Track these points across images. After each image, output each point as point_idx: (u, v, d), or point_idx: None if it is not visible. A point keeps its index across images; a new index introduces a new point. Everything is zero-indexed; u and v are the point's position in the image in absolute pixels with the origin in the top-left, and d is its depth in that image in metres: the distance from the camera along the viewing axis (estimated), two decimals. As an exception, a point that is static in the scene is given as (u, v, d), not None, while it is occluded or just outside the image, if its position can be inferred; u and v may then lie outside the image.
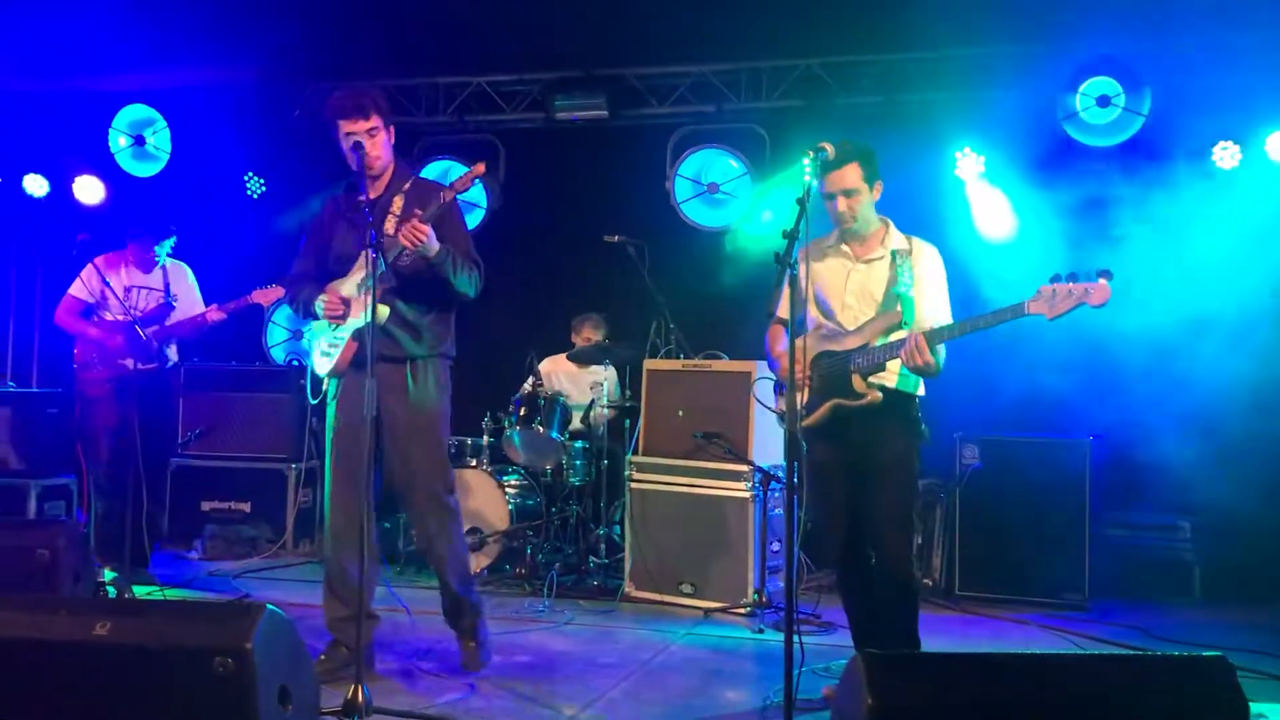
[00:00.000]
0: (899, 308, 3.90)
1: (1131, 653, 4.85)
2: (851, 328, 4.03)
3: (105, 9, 6.78)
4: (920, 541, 6.37)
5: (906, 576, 4.00)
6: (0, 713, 3.17)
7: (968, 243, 6.61)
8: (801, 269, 3.88)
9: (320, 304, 4.30)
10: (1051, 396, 6.13)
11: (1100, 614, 5.78)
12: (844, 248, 4.13)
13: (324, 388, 4.46)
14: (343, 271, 4.36)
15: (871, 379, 3.92)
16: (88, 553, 5.18)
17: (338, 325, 4.30)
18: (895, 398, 3.96)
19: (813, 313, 4.13)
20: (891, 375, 3.94)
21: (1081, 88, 6.49)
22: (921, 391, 4.06)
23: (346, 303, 4.28)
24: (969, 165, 6.77)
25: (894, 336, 3.88)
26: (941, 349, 3.83)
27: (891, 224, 4.14)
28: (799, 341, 3.85)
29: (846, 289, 4.09)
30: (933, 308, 3.98)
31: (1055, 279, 3.56)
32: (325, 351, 4.36)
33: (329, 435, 4.41)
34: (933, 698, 2.97)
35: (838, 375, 3.98)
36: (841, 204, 4.01)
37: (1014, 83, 6.67)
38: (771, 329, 4.31)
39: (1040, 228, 6.60)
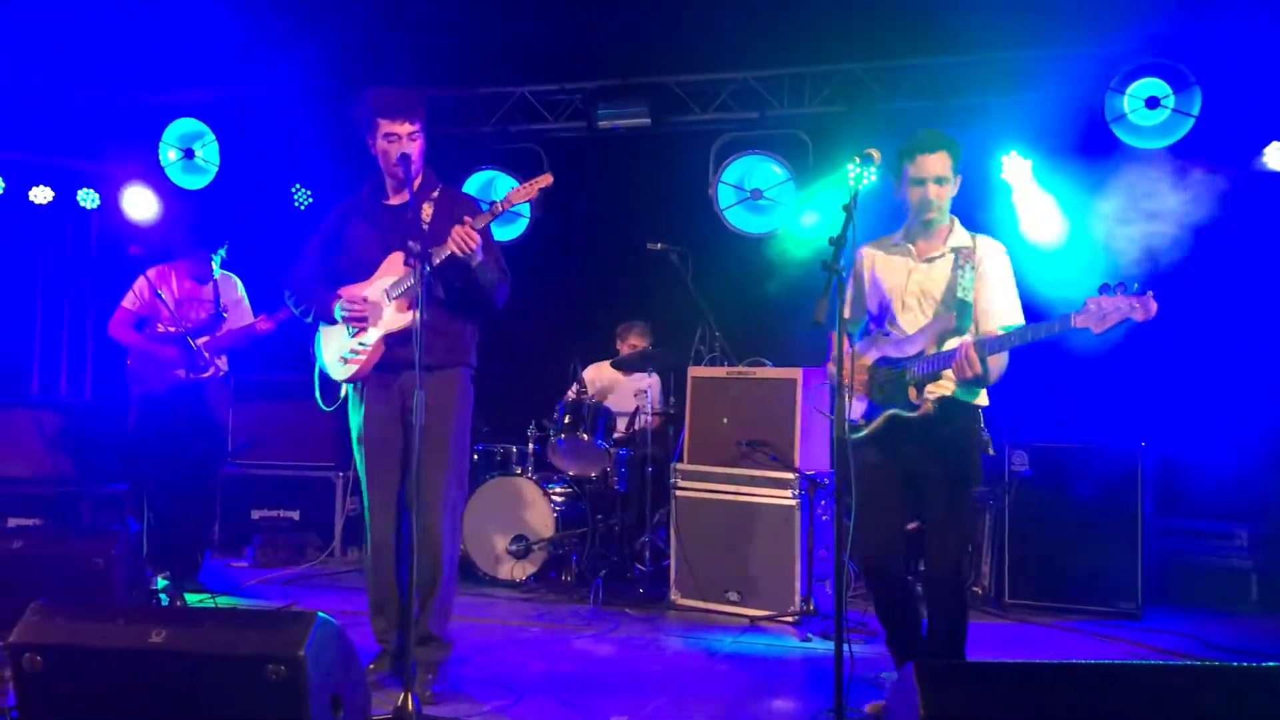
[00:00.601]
0: (956, 314, 3.84)
1: (1188, 663, 4.77)
2: (910, 331, 3.97)
3: (155, 24, 6.90)
4: (970, 549, 6.31)
5: (960, 580, 3.97)
6: (59, 717, 3.22)
7: (1015, 247, 6.49)
8: (865, 270, 4.02)
9: (340, 310, 4.24)
10: (1102, 402, 6.06)
11: (1155, 622, 5.69)
12: (908, 245, 4.06)
13: (341, 393, 4.41)
14: (358, 275, 4.30)
15: (929, 389, 3.86)
16: (141, 561, 5.24)
17: (359, 330, 4.22)
18: (954, 407, 3.89)
19: (872, 313, 4.11)
20: (949, 384, 3.87)
21: (1130, 89, 6.41)
22: (984, 401, 3.99)
23: (368, 306, 4.23)
24: (1016, 169, 6.70)
25: (950, 343, 3.83)
26: (1002, 357, 3.76)
27: (957, 221, 4.06)
28: (852, 347, 3.93)
29: (906, 289, 4.01)
30: (1001, 308, 3.91)
31: (1104, 290, 3.47)
32: (346, 357, 4.28)
33: (359, 445, 4.34)
34: (987, 708, 2.93)
35: (895, 384, 3.93)
36: (932, 190, 3.92)
37: (1061, 85, 6.61)
38: (833, 334, 4.15)
39: (1088, 232, 6.52)
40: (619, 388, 7.17)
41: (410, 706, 3.54)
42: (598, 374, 7.25)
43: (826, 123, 7.29)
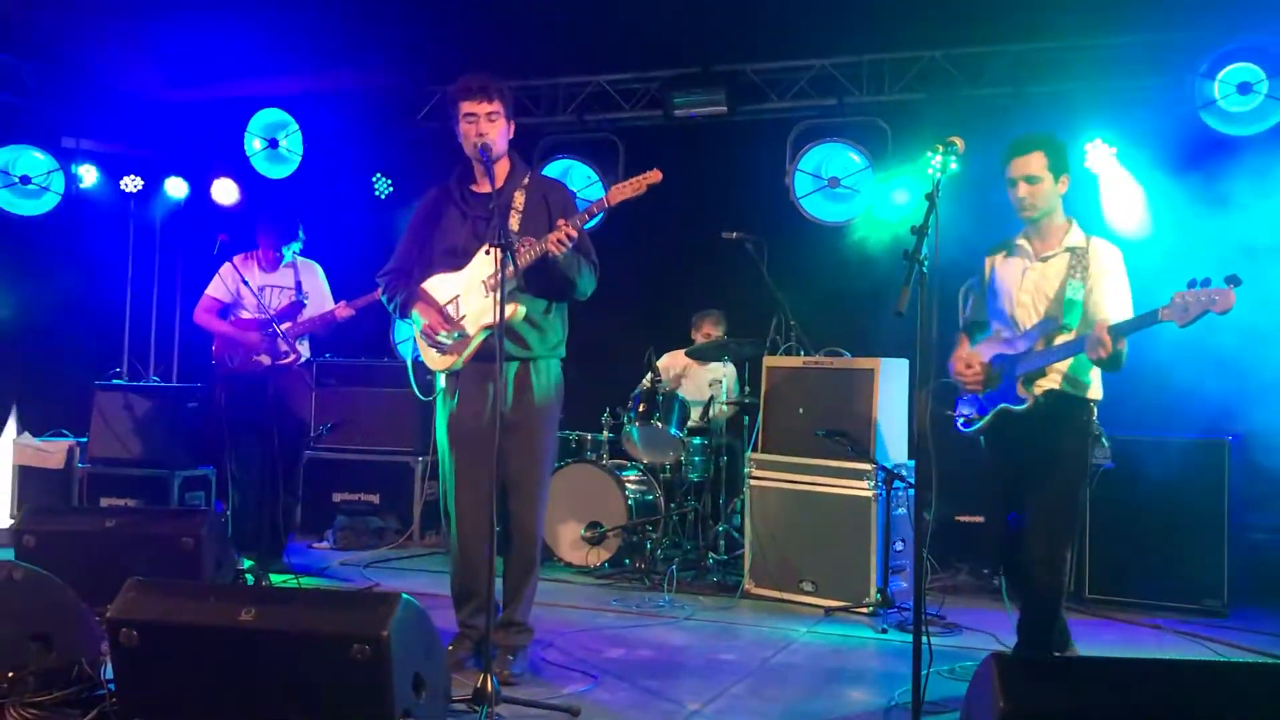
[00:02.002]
0: (1065, 312, 3.95)
1: (1273, 662, 4.66)
2: (1025, 326, 4.09)
3: (240, 20, 7.04)
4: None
5: (1052, 577, 4.00)
6: (153, 690, 3.33)
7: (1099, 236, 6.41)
8: (988, 274, 4.22)
9: (419, 323, 4.26)
10: (1187, 395, 5.92)
11: (1241, 621, 5.56)
12: (1023, 244, 4.18)
13: (438, 384, 4.45)
14: (454, 264, 4.31)
15: (1036, 384, 3.98)
16: (227, 541, 5.39)
17: (447, 341, 4.24)
18: (1061, 401, 3.99)
19: (993, 313, 4.25)
20: (1056, 379, 3.99)
21: (1220, 75, 6.25)
22: (1096, 395, 4.07)
23: (444, 312, 4.25)
24: (1100, 157, 6.57)
25: (1059, 339, 3.94)
26: (1125, 344, 3.83)
27: (1075, 223, 4.14)
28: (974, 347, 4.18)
29: (1021, 287, 4.13)
30: (1110, 306, 3.98)
31: (1191, 285, 3.55)
32: (444, 348, 4.30)
33: (446, 434, 4.36)
34: (1066, 702, 2.91)
35: (1006, 379, 4.06)
36: (1022, 189, 4.05)
37: (1148, 71, 6.47)
38: (958, 335, 4.41)
39: (1175, 221, 6.37)
40: (694, 377, 7.18)
41: (490, 688, 3.59)
42: (673, 363, 7.26)
43: (906, 110, 7.21)
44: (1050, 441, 4.00)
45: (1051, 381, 3.99)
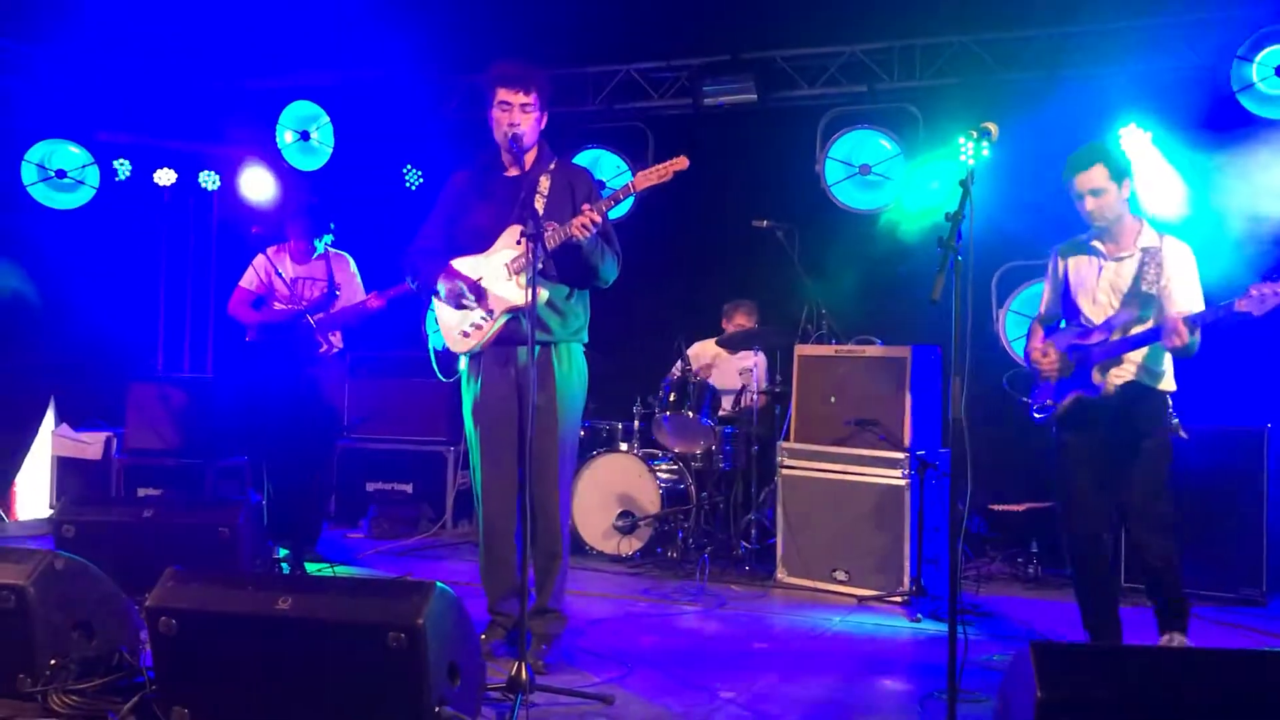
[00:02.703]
0: (1140, 305, 4.17)
1: (1313, 651, 4.61)
2: (1099, 322, 4.29)
3: (271, 13, 7.08)
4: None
5: (1163, 563, 4.26)
6: (192, 678, 3.36)
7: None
8: (1060, 270, 4.44)
9: (443, 287, 4.25)
10: (1225, 382, 5.85)
11: (1280, 610, 5.52)
12: (1096, 244, 4.39)
13: (460, 366, 4.46)
14: (477, 247, 4.31)
15: (1112, 373, 4.20)
16: (263, 531, 5.42)
17: (477, 304, 4.24)
18: (1138, 391, 4.22)
19: (1065, 308, 4.45)
20: (1131, 369, 4.22)
21: (1259, 57, 6.15)
22: (1170, 386, 4.30)
23: (476, 286, 4.24)
24: (1135, 142, 6.48)
25: (1133, 331, 4.17)
26: (1198, 334, 4.01)
27: (1146, 223, 4.36)
28: (1047, 340, 4.42)
29: (1098, 286, 4.34)
30: (1182, 298, 4.18)
31: (1267, 277, 3.78)
32: (467, 330, 4.31)
33: (472, 418, 4.38)
34: (1104, 691, 2.89)
35: (1081, 368, 4.26)
36: (1090, 203, 4.27)
37: (1183, 53, 6.39)
38: (1032, 325, 4.62)
39: (1211, 206, 6.29)
40: (724, 366, 7.17)
41: (524, 676, 3.60)
42: (703, 352, 7.25)
43: (937, 96, 7.14)
44: (1131, 435, 4.21)
45: (1127, 372, 4.21)
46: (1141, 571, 4.46)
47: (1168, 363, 4.28)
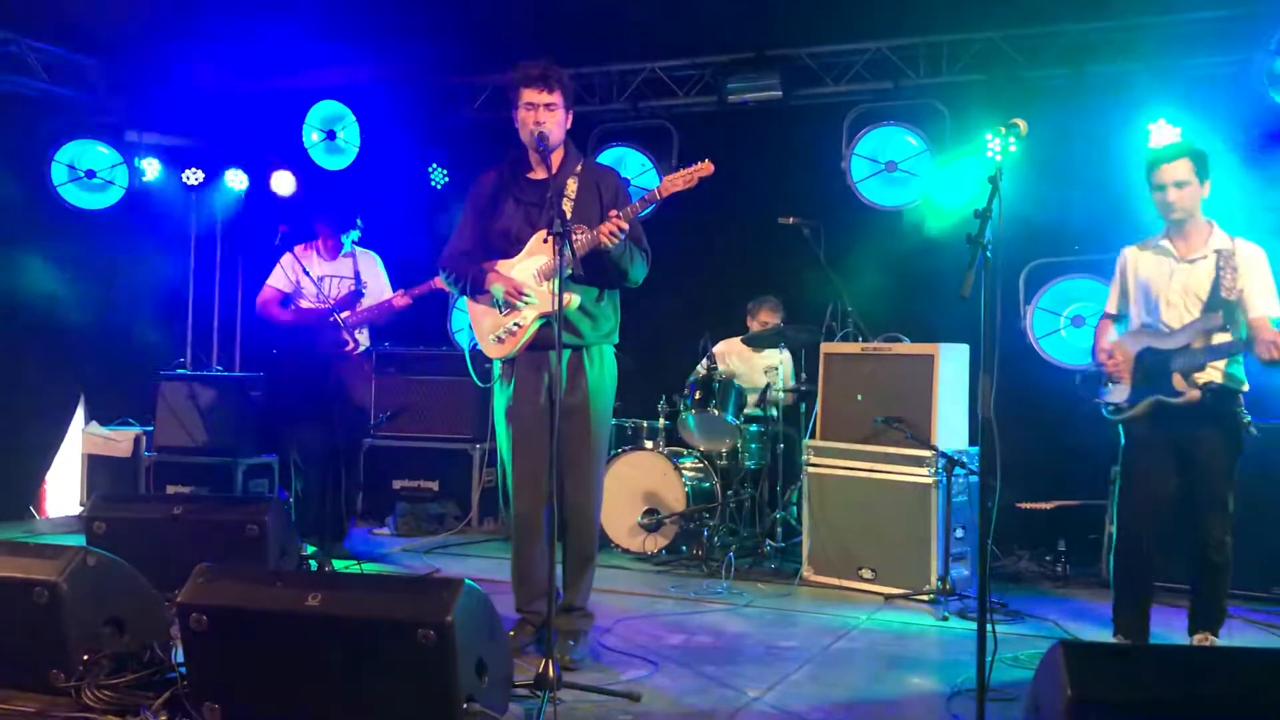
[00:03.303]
0: (1222, 312, 4.23)
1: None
2: (1175, 326, 4.35)
3: (297, 13, 7.11)
4: (1113, 530, 6.13)
5: (1224, 559, 4.32)
6: (223, 674, 3.39)
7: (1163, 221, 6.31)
8: (1130, 270, 4.50)
9: (499, 292, 4.29)
10: (1255, 379, 5.80)
11: (1312, 609, 5.46)
12: (1166, 244, 4.44)
13: (495, 371, 4.47)
14: (508, 250, 4.33)
15: (1195, 377, 4.25)
16: (291, 528, 5.45)
17: (512, 309, 4.27)
18: (1219, 393, 4.28)
19: (1135, 308, 4.51)
20: (1215, 373, 4.28)
21: (1291, 50, 6.10)
22: (1245, 386, 4.36)
23: (518, 287, 4.28)
24: (1163, 138, 6.43)
25: (1217, 338, 4.25)
26: None
27: (1216, 225, 4.41)
28: (1118, 338, 4.51)
29: (1170, 287, 4.39)
30: (1262, 303, 4.26)
31: None
32: (501, 336, 4.34)
33: (503, 420, 4.39)
34: (1134, 690, 2.88)
35: (1160, 372, 4.32)
36: (1172, 194, 4.33)
37: (1214, 49, 6.33)
38: (1100, 323, 4.68)
39: (1242, 204, 6.23)
40: (750, 364, 7.16)
41: (552, 673, 3.61)
42: (728, 350, 7.24)
43: (964, 92, 7.11)
44: (1210, 433, 4.29)
45: (1212, 376, 4.27)
46: (1193, 567, 4.45)
47: (1242, 364, 4.37)
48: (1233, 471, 4.34)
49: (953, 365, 5.80)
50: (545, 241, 4.06)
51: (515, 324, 4.31)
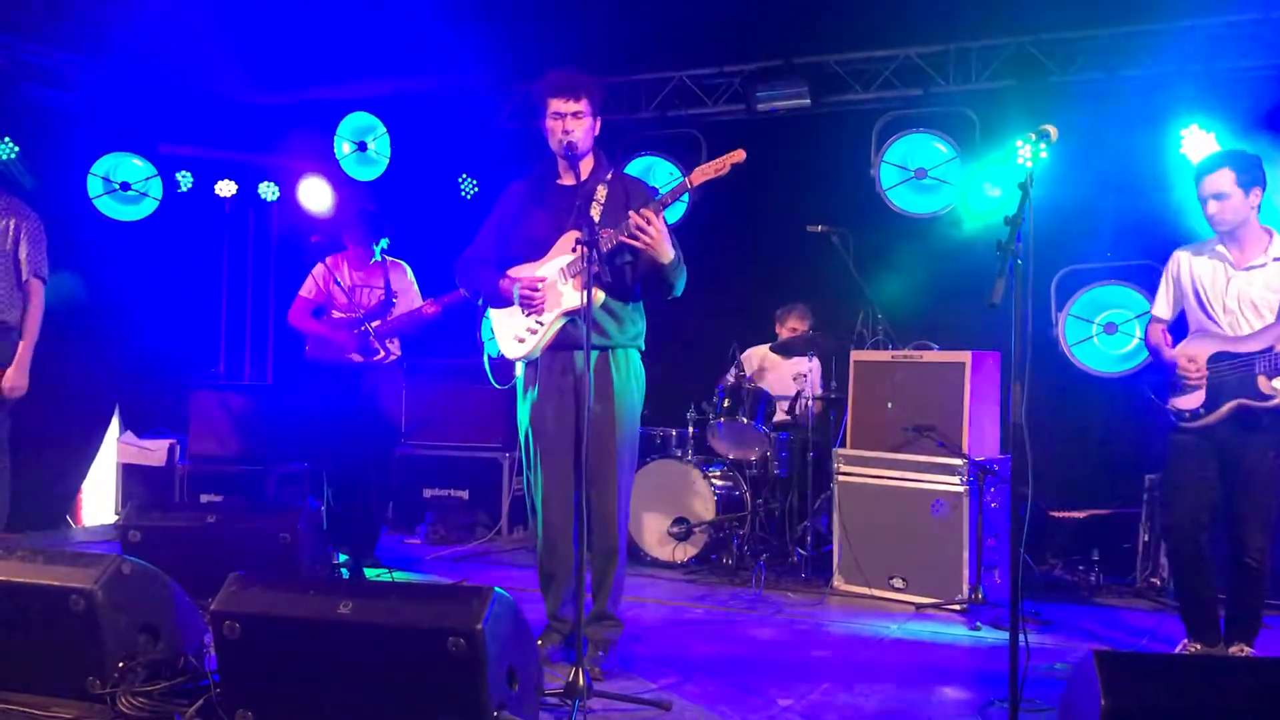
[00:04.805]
0: None
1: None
2: (1234, 332, 4.33)
3: (328, 25, 7.18)
4: (1147, 539, 6.09)
5: (1261, 567, 4.33)
6: (256, 681, 3.41)
7: (1197, 226, 6.24)
8: (1184, 274, 4.47)
9: (518, 292, 4.29)
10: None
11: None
12: (1221, 250, 4.41)
13: (515, 373, 4.47)
14: (533, 255, 4.34)
15: (1277, 381, 4.24)
16: (323, 536, 5.49)
17: (534, 309, 4.26)
18: None
19: (1192, 313, 4.49)
20: None
21: (1326, 55, 6.03)
22: None
23: (539, 288, 4.27)
24: (1197, 143, 6.37)
25: None
26: None
27: (1276, 233, 4.38)
28: (1173, 343, 4.50)
29: (1226, 294, 4.36)
30: None
31: None
32: (522, 335, 4.32)
33: (528, 424, 4.38)
34: (1170, 701, 2.85)
35: (1240, 377, 4.28)
36: (1212, 206, 4.32)
37: (1250, 52, 6.27)
38: (1150, 327, 4.64)
39: (1277, 210, 6.17)
40: (778, 371, 7.15)
41: (581, 682, 3.61)
42: (757, 358, 7.23)
43: (995, 99, 7.05)
44: (1260, 440, 4.28)
45: None
46: (1230, 576, 4.43)
47: None
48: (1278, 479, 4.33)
49: (984, 373, 5.77)
50: (574, 248, 4.07)
51: (538, 322, 4.29)
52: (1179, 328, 4.64)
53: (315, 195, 8.38)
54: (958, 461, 5.57)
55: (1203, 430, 4.36)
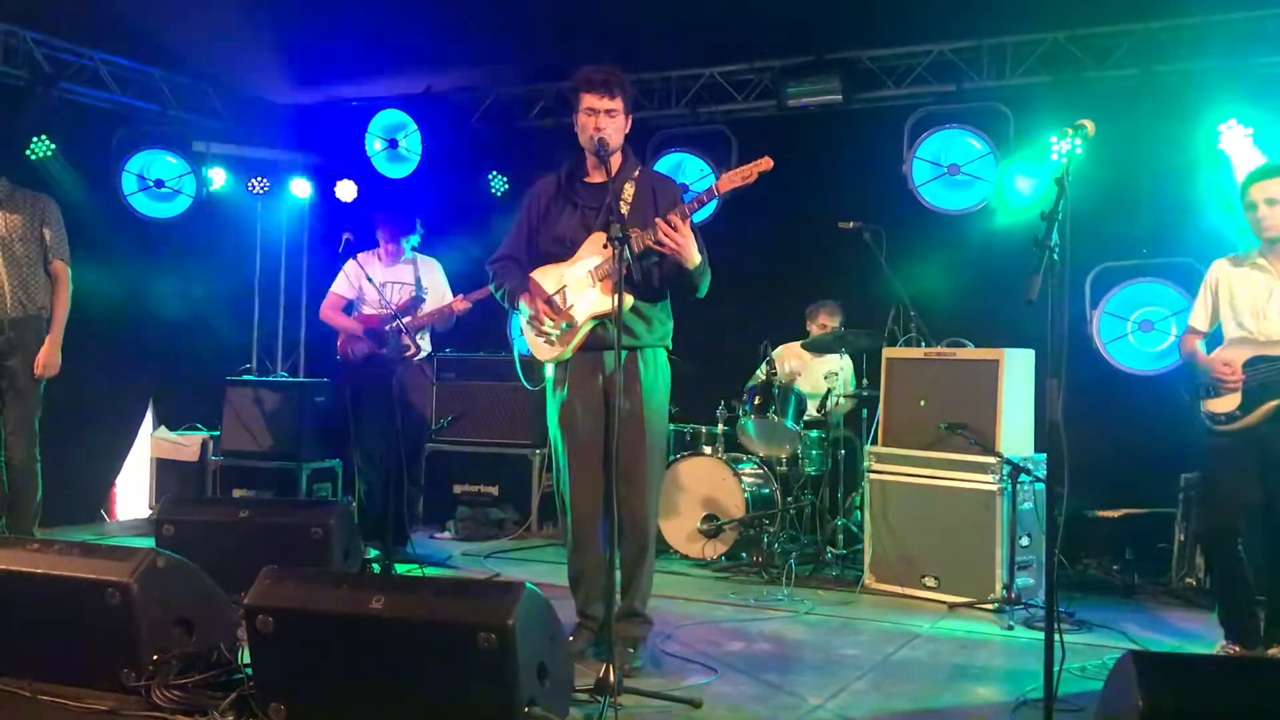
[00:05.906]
0: None
1: None
2: (1269, 339, 4.33)
3: (359, 24, 7.20)
4: (1183, 539, 6.02)
5: None
6: (288, 675, 3.43)
7: (1233, 223, 6.16)
8: (1222, 283, 4.49)
9: (526, 312, 4.28)
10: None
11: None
12: (1262, 261, 4.42)
13: (546, 373, 4.46)
14: (561, 254, 4.32)
15: None
16: (355, 531, 5.51)
17: (557, 312, 4.25)
18: None
19: (1229, 323, 4.49)
20: None
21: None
22: None
23: (551, 302, 4.25)
24: (1235, 139, 6.28)
25: None
26: None
27: None
28: (1208, 351, 4.52)
29: (1269, 304, 4.37)
30: None
31: None
32: (552, 337, 4.30)
33: (559, 425, 4.37)
34: (1207, 702, 2.83)
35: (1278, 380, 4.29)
36: (1263, 210, 4.34)
37: (1288, 45, 6.17)
38: (1185, 338, 4.66)
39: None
40: (810, 369, 7.12)
41: (612, 679, 3.61)
42: (788, 355, 7.20)
43: (1028, 94, 6.99)
44: None
45: None
46: (1269, 576, 4.47)
47: None
48: None
49: (1018, 371, 5.71)
50: (605, 247, 4.06)
51: (567, 325, 4.27)
52: (1214, 339, 4.61)
53: (347, 193, 8.45)
54: (991, 460, 5.52)
55: (1240, 433, 4.36)
